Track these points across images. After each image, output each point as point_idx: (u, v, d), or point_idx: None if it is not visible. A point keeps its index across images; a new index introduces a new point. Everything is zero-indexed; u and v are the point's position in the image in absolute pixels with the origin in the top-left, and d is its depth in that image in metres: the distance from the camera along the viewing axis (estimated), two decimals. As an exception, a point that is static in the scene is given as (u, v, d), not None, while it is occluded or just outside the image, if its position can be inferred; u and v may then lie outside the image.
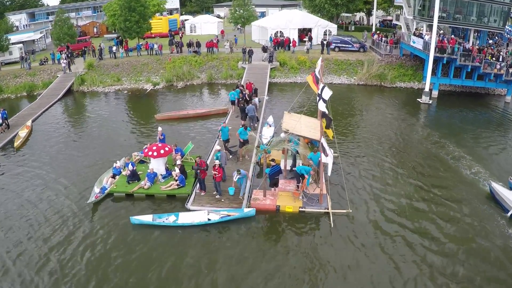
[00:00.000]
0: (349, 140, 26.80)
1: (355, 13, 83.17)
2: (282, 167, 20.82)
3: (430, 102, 38.09)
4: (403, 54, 47.44)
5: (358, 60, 46.26)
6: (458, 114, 34.90)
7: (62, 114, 33.63)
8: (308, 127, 22.04)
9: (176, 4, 76.43)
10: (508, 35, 56.82)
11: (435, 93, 39.71)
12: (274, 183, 19.41)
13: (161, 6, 55.36)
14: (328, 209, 18.92)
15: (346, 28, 71.23)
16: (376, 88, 41.65)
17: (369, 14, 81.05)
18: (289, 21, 52.13)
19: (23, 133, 27.85)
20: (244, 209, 18.29)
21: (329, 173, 17.87)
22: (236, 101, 29.44)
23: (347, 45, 49.75)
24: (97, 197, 19.06)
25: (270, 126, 27.37)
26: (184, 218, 17.58)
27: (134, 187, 19.76)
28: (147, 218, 17.50)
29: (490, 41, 47.98)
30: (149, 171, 20.33)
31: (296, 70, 44.35)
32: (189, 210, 18.50)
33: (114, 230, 17.16)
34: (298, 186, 19.90)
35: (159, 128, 23.95)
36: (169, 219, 17.54)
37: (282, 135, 20.91)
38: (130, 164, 20.59)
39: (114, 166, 21.26)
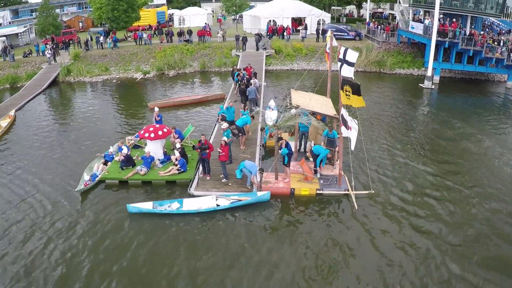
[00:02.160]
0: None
1: (345, 6, 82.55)
2: (293, 148, 18.78)
3: (433, 87, 37.32)
4: (400, 41, 46.77)
5: (355, 47, 45.06)
6: (462, 99, 34.61)
7: (47, 104, 31.21)
8: (319, 103, 20.23)
9: (163, 0, 74.22)
10: (498, 28, 56.61)
11: (436, 78, 38.84)
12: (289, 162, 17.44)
13: None
14: (348, 190, 17.13)
15: (337, 20, 70.10)
16: (375, 75, 40.57)
17: (359, 6, 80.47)
18: (282, 10, 50.55)
19: (4, 122, 25.49)
20: (258, 193, 16.15)
21: (352, 147, 15.82)
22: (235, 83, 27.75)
23: (343, 33, 48.74)
24: (86, 185, 16.75)
25: (272, 110, 25.45)
26: (190, 205, 15.40)
27: (128, 173, 17.49)
28: (146, 206, 15.27)
29: (482, 32, 47.28)
30: (145, 155, 18.05)
31: (292, 58, 43.13)
32: (193, 196, 16.31)
33: (108, 220, 14.88)
34: (316, 170, 17.93)
35: (156, 108, 21.73)
36: (172, 206, 15.33)
37: (293, 111, 18.92)
38: (124, 147, 18.31)
39: (106, 152, 18.95)
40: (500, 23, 62.70)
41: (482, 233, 14.55)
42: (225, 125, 18.80)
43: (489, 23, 53.49)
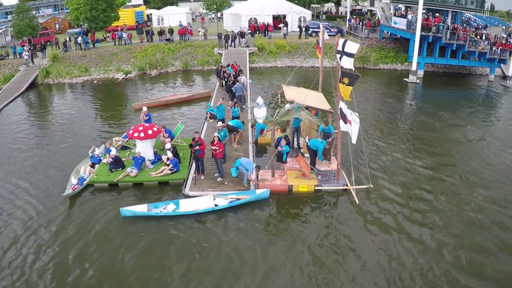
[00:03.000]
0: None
1: (324, 4, 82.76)
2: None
3: (418, 81, 37.57)
4: (382, 37, 46.91)
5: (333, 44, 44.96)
6: (447, 92, 35.12)
7: (26, 107, 29.73)
8: (313, 98, 19.79)
9: (139, 0, 72.91)
10: (475, 23, 57.50)
11: (420, 73, 39.08)
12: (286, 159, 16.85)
13: None
14: (347, 185, 16.73)
15: (317, 18, 70.08)
16: (359, 71, 39.25)
17: (338, 4, 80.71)
18: (263, 8, 50.09)
19: (-20, 127, 24.21)
20: (256, 191, 15.52)
21: (353, 141, 15.33)
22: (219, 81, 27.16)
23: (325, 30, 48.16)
24: (74, 189, 15.76)
25: (260, 107, 24.92)
26: (186, 206, 14.64)
27: (118, 175, 16.61)
28: (141, 209, 14.43)
29: (464, 25, 47.83)
30: (135, 155, 17.21)
31: (275, 55, 42.81)
32: (189, 197, 15.57)
33: (100, 225, 13.98)
34: (312, 167, 17.40)
35: (144, 108, 20.85)
36: (168, 208, 14.55)
37: (287, 106, 18.40)
38: (112, 148, 17.42)
39: (92, 154, 18.01)
40: (477, 19, 63.87)
41: (478, 222, 14.55)
42: (220, 124, 18.05)
43: (466, 19, 54.19)
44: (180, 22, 50.71)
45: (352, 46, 14.27)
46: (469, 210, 15.37)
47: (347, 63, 14.51)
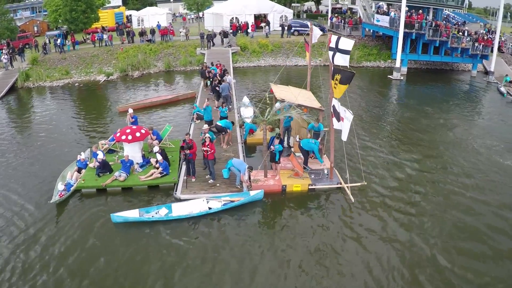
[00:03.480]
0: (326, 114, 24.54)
1: (304, 3, 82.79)
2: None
3: (402, 78, 37.80)
4: (365, 34, 47.29)
5: (320, 42, 44.84)
6: (431, 88, 35.46)
7: (6, 111, 28.58)
8: (303, 96, 19.53)
9: (118, 2, 71.75)
10: (454, 20, 58.21)
11: (404, 70, 39.30)
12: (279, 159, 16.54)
13: None
14: (341, 183, 16.53)
15: (297, 16, 70.03)
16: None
17: (318, 3, 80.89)
18: (244, 7, 49.77)
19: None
20: (250, 192, 15.15)
21: (344, 138, 15.09)
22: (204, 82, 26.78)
23: (307, 29, 48.21)
24: (61, 196, 15.11)
25: (247, 106, 24.59)
26: (179, 210, 14.17)
27: (106, 180, 16.02)
28: (132, 214, 13.88)
29: (444, 22, 48.32)
30: (123, 158, 16.65)
31: (258, 54, 42.56)
32: (180, 200, 15.12)
33: (90, 232, 13.35)
34: (304, 166, 17.13)
35: (130, 110, 20.27)
36: (160, 212, 14.06)
37: (277, 105, 18.11)
38: (99, 152, 16.82)
39: (78, 159, 17.37)
40: (455, 16, 64.67)
41: (470, 222, 14.48)
42: (206, 127, 17.55)
43: (445, 16, 54.92)
44: (158, 22, 50.13)
45: (347, 43, 14.01)
46: (458, 206, 15.48)
47: (341, 60, 14.23)
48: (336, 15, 55.38)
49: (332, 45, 14.47)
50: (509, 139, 22.77)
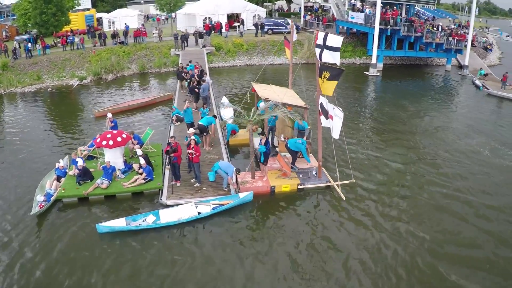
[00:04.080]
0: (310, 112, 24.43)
1: (275, 2, 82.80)
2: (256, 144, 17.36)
3: (378, 74, 38.09)
4: (339, 32, 47.49)
5: (295, 40, 44.83)
6: (408, 83, 36.08)
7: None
8: (286, 95, 19.25)
9: (88, 4, 70.05)
10: (424, 16, 59.29)
11: (380, 66, 39.65)
12: (267, 160, 16.15)
13: (75, 1, 49.40)
14: (330, 182, 16.35)
15: (270, 15, 69.93)
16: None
17: (289, 1, 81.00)
18: (217, 6, 49.25)
19: None
20: (240, 194, 14.74)
21: (336, 136, 14.83)
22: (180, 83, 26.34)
23: (281, 27, 48.82)
24: (41, 207, 14.29)
25: (226, 107, 24.13)
26: (167, 216, 13.61)
27: (88, 188, 15.27)
28: (119, 223, 13.21)
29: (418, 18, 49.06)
30: (105, 164, 15.96)
31: (233, 54, 42.29)
32: (167, 206, 14.57)
33: (75, 245, 12.62)
34: (292, 165, 16.84)
35: (109, 114, 19.53)
36: (148, 220, 13.48)
37: (262, 104, 17.74)
38: (79, 159, 16.07)
39: (56, 166, 16.58)
40: (425, 12, 65.79)
41: (454, 211, 14.77)
42: (191, 130, 16.96)
43: (415, 12, 55.87)
44: (126, 24, 49.20)
45: (336, 39, 13.76)
46: (445, 198, 15.73)
47: (330, 58, 13.98)
48: (309, 13, 55.40)
49: (320, 42, 14.20)
50: (488, 131, 23.20)
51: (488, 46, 54.49)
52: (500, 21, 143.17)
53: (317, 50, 14.43)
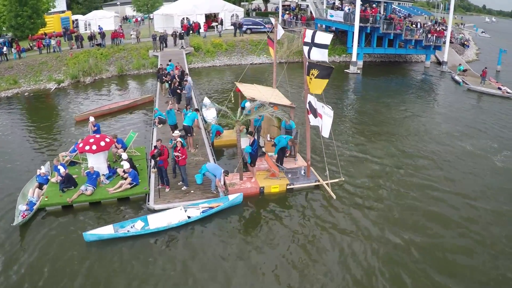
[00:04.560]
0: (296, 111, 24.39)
1: (252, 1, 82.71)
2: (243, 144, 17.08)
3: (358, 72, 38.28)
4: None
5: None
6: (388, 79, 36.44)
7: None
8: (271, 94, 19.11)
9: (63, 7, 68.49)
10: (400, 13, 59.97)
11: (360, 63, 39.81)
12: (254, 161, 15.89)
13: (50, 3, 48.19)
14: (319, 181, 16.29)
15: (247, 15, 69.75)
16: (298, 65, 40.19)
17: (266, 1, 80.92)
18: (195, 7, 48.82)
19: None
20: (229, 196, 14.49)
21: (326, 135, 14.69)
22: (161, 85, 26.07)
23: (259, 26, 48.71)
24: (24, 216, 13.71)
25: (209, 108, 23.88)
26: (156, 222, 13.25)
27: (72, 195, 14.76)
28: (106, 231, 12.77)
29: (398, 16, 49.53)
30: (88, 170, 15.47)
31: (213, 54, 41.94)
32: (155, 211, 14.20)
33: (62, 255, 12.10)
34: (279, 165, 16.67)
35: (91, 118, 18.96)
36: (136, 226, 13.09)
37: (248, 104, 17.55)
38: (60, 166, 15.55)
39: (37, 173, 16.01)
40: (401, 9, 66.55)
41: (443, 214, 14.66)
42: (176, 133, 16.56)
43: (392, 9, 56.44)
44: (99, 26, 48.44)
45: (324, 37, 13.62)
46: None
47: (319, 55, 13.84)
48: (287, 12, 55.43)
49: (308, 40, 14.04)
50: (470, 125, 23.73)
51: (465, 43, 55.37)
52: (474, 17, 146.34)
53: (305, 48, 14.26)
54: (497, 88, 31.99)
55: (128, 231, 12.88)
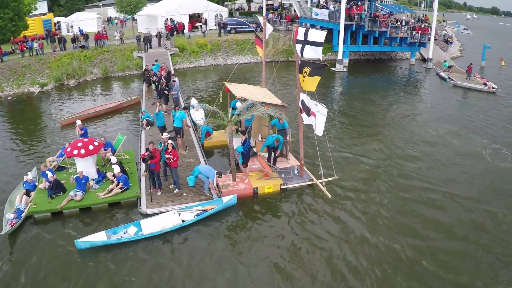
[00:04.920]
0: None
1: (235, 1, 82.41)
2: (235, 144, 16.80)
3: (344, 70, 38.32)
4: None
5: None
6: (374, 77, 36.68)
7: None
8: (261, 93, 18.92)
9: (44, 9, 67.27)
10: (382, 11, 60.37)
11: (345, 61, 39.91)
12: (246, 161, 15.67)
13: (32, 5, 47.12)
14: (312, 180, 16.17)
15: (231, 14, 69.47)
16: (284, 64, 40.23)
17: (249, 0, 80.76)
18: (179, 7, 48.45)
19: None
20: (223, 198, 14.24)
21: (320, 133, 14.52)
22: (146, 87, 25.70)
23: (244, 26, 48.64)
24: (12, 224, 13.20)
25: (197, 109, 23.53)
26: (150, 227, 12.94)
27: (61, 202, 14.32)
28: (99, 237, 12.39)
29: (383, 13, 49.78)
30: (77, 175, 15.06)
31: (198, 54, 41.63)
32: (147, 215, 13.89)
33: (54, 264, 11.72)
34: (271, 165, 16.48)
35: (78, 122, 18.49)
36: (129, 232, 12.75)
37: (239, 104, 17.32)
38: (48, 172, 15.11)
39: (24, 180, 15.54)
40: (383, 7, 67.04)
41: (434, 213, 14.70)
42: (166, 135, 16.17)
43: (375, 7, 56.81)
44: (79, 28, 47.66)
45: (317, 34, 13.46)
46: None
47: (312, 53, 13.67)
48: (272, 11, 55.37)
49: (300, 37, 13.86)
50: (457, 121, 24.11)
51: (449, 39, 55.92)
52: (455, 14, 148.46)
53: (298, 46, 14.08)
54: (483, 84, 32.31)
55: (121, 237, 12.55)
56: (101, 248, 12.21)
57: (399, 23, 39.67)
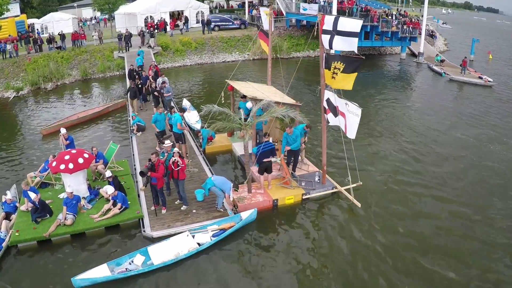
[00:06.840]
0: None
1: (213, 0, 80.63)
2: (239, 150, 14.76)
3: (335, 66, 36.72)
4: (289, 25, 46.44)
5: (245, 35, 44.03)
6: (366, 72, 35.15)
7: None
8: (270, 92, 17.07)
9: (16, 11, 63.85)
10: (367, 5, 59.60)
11: (336, 57, 38.06)
12: (266, 168, 13.61)
13: (4, 7, 44.02)
14: (336, 188, 14.42)
15: (211, 12, 67.51)
16: (273, 61, 38.27)
17: (228, -1, 79.38)
18: (159, 4, 46.10)
19: None
20: (242, 214, 12.23)
21: (353, 136, 12.63)
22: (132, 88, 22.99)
23: (228, 23, 47.26)
24: (-7, 256, 11.01)
25: (190, 110, 21.51)
26: (160, 254, 10.75)
27: (49, 227, 11.98)
28: (101, 272, 10.09)
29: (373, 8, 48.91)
30: (66, 194, 12.72)
31: (182, 53, 39.61)
32: (154, 239, 11.74)
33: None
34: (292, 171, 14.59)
35: (62, 130, 16.00)
36: (136, 261, 10.55)
37: (249, 104, 15.36)
38: (30, 192, 12.73)
39: (2, 200, 13.19)
40: (360, 3, 66.27)
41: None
42: (168, 143, 13.89)
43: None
44: (50, 33, 44.86)
45: (352, 23, 11.53)
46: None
47: (346, 45, 11.77)
48: (256, 7, 53.73)
49: (328, 27, 11.91)
50: (465, 117, 23.32)
51: (433, 33, 55.29)
52: (430, 9, 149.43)
53: (325, 37, 12.14)
54: (478, 77, 31.89)
55: (126, 269, 10.34)
56: (103, 285, 9.98)
57: (389, 17, 38.61)
